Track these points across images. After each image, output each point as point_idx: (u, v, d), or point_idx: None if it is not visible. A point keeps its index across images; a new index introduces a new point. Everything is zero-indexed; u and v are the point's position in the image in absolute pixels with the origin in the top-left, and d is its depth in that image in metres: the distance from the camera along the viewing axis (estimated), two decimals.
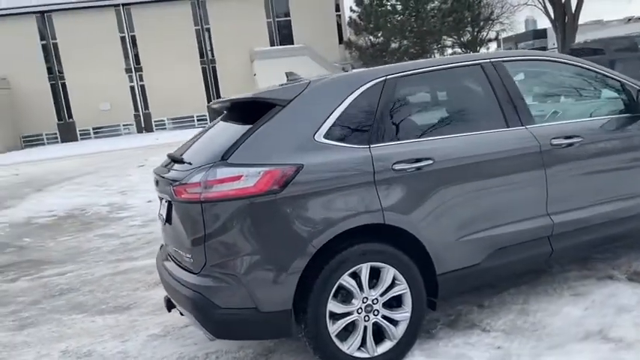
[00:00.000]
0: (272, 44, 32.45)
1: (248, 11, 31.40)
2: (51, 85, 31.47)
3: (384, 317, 2.91)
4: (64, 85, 31.53)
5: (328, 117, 2.89)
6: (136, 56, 31.77)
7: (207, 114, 31.42)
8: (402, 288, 2.93)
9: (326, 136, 2.85)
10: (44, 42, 31.28)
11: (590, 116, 3.64)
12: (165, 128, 31.92)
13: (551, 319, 3.22)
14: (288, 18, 32.84)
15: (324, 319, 2.75)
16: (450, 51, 30.54)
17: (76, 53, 30.67)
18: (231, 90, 31.55)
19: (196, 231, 2.72)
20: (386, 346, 2.92)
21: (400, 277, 2.91)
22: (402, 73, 3.15)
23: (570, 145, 3.31)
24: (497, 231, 3.15)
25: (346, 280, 2.79)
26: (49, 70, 31.45)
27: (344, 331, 2.86)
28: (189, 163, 2.92)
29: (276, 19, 32.75)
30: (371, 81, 3.06)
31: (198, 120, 31.84)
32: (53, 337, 4.06)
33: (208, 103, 32.26)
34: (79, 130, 31.90)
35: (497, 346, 3.00)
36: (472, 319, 3.35)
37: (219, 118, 3.55)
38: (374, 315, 2.88)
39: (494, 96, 3.29)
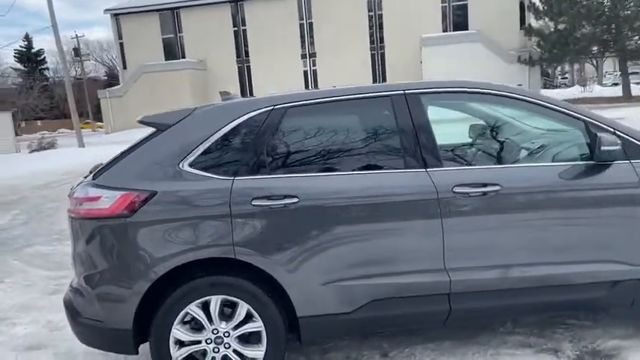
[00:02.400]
0: (445, 30, 31.39)
1: None
2: (238, 67, 34.70)
3: (236, 352, 2.88)
4: (248, 68, 34.54)
5: (199, 145, 2.90)
6: (312, 42, 33.32)
7: None
8: (257, 325, 2.87)
9: (192, 165, 2.87)
10: (235, 28, 34.49)
11: (527, 161, 3.06)
12: None
13: None
14: (464, 2, 31.35)
15: (166, 343, 2.83)
16: None
17: (261, 38, 33.34)
18: (397, 77, 31.43)
19: (72, 243, 3.00)
20: None
21: (255, 313, 2.85)
22: (292, 104, 3.01)
23: (484, 194, 2.84)
24: (376, 281, 2.87)
25: (193, 310, 2.83)
26: (237, 54, 34.66)
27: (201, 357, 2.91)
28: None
29: (452, 3, 31.48)
30: (255, 110, 2.98)
31: None
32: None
33: None
34: None
35: None
36: None
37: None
38: (225, 348, 2.87)
39: (397, 133, 2.96)
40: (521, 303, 2.95)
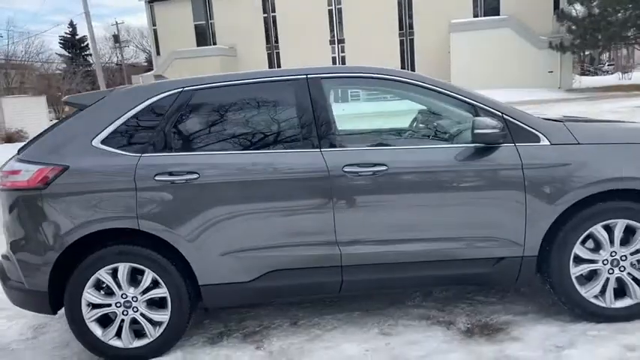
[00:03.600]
0: (476, 15, 30.74)
1: None
2: (267, 54, 34.98)
3: (143, 315, 3.13)
4: (278, 55, 34.76)
5: (111, 124, 3.14)
6: (340, 28, 33.24)
7: None
8: (162, 291, 3.11)
9: (103, 142, 3.11)
10: (265, 15, 34.73)
11: (415, 143, 3.18)
12: (359, 99, 32.94)
13: (325, 352, 3.04)
14: None
15: (79, 305, 3.10)
16: None
17: (290, 25, 33.43)
18: (426, 64, 31.04)
19: (2, 213, 3.30)
20: (143, 341, 3.15)
21: (161, 281, 3.09)
22: (200, 86, 3.21)
23: (373, 173, 2.99)
24: (272, 252, 3.07)
25: (103, 275, 3.09)
26: (267, 40, 34.93)
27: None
28: None
29: None
30: (165, 92, 3.19)
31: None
32: None
33: None
34: None
35: None
36: (268, 334, 3.33)
37: None
38: (133, 311, 3.12)
39: (298, 115, 3.14)
40: (409, 276, 3.10)
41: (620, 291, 3.07)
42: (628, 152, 2.99)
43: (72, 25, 67.73)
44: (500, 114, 3.04)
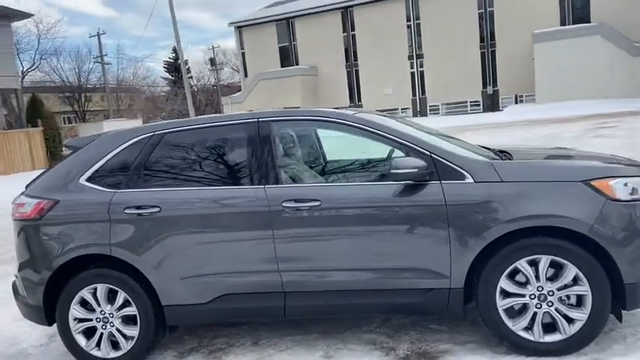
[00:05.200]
0: (563, 23, 29.42)
1: None
2: (347, 72, 35.64)
3: (118, 330, 3.60)
4: (356, 72, 35.32)
5: (95, 164, 3.67)
6: (419, 43, 33.14)
7: (480, 100, 30.85)
8: (133, 310, 3.56)
9: (88, 180, 3.64)
10: (345, 34, 35.46)
11: (351, 180, 3.39)
12: (438, 113, 32.69)
13: None
14: None
15: (67, 319, 3.63)
16: None
17: (369, 42, 33.93)
18: (508, 76, 30.12)
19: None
20: (118, 352, 3.61)
21: (131, 300, 3.55)
22: (169, 130, 3.65)
23: (309, 208, 3.26)
24: (223, 278, 3.43)
25: (85, 294, 3.59)
26: (346, 59, 35.59)
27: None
28: None
29: None
30: (140, 135, 3.68)
31: (471, 105, 31.54)
32: None
33: (484, 88, 31.54)
34: None
35: None
36: (229, 352, 3.66)
37: None
38: (110, 326, 3.60)
39: (248, 154, 3.48)
40: (346, 304, 3.32)
41: (552, 326, 3.08)
42: (549, 190, 3.02)
43: (175, 50, 72.81)
44: (428, 153, 3.20)
